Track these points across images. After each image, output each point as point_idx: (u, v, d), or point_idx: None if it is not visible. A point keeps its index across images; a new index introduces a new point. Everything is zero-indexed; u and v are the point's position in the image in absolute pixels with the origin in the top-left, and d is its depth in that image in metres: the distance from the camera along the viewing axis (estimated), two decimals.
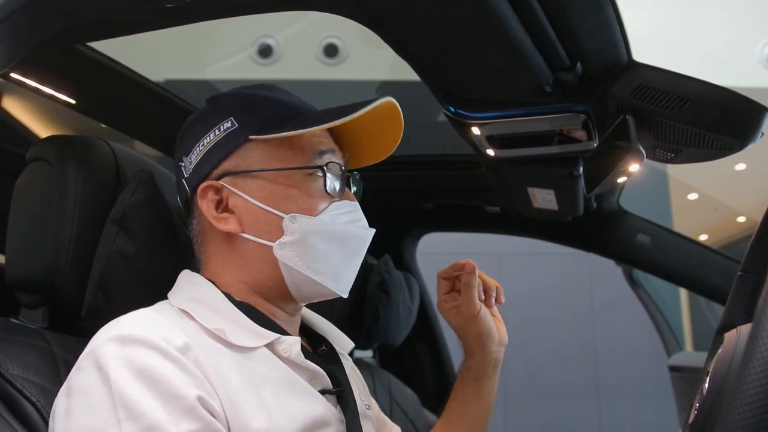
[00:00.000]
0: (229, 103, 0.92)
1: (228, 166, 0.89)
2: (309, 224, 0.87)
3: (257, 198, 0.88)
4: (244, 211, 0.88)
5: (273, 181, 0.88)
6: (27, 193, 0.96)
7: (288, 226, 0.86)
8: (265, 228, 0.87)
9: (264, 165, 0.88)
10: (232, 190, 0.88)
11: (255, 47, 4.77)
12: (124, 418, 0.68)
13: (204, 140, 0.90)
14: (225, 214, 0.89)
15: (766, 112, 1.10)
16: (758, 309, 0.55)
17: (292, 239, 0.86)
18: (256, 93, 0.94)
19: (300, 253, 0.87)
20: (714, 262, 1.93)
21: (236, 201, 0.88)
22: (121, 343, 0.73)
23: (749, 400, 0.51)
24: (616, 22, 1.01)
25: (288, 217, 0.86)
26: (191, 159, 0.91)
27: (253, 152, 0.89)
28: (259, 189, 0.88)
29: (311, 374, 0.86)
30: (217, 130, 0.90)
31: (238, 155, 0.89)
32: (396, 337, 1.89)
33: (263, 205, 0.87)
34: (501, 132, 1.34)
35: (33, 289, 0.93)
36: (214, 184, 0.89)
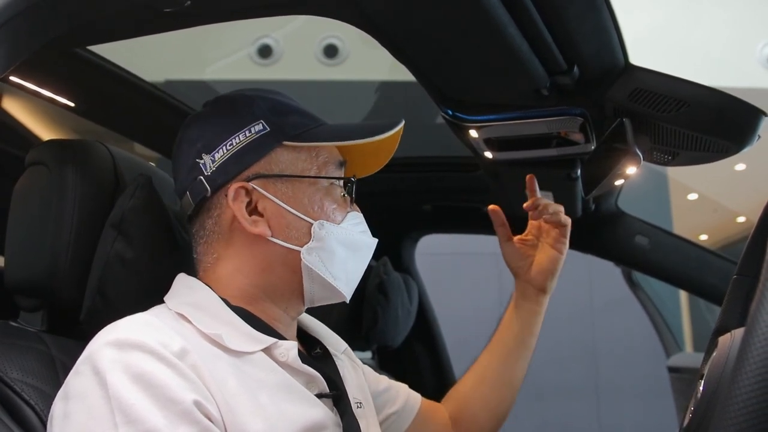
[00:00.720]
0: (258, 106, 0.92)
1: (259, 169, 0.90)
2: (334, 232, 0.90)
3: (288, 203, 0.89)
4: (274, 214, 0.89)
5: (303, 187, 0.91)
6: (26, 196, 0.96)
7: (316, 232, 0.89)
8: (294, 233, 0.89)
9: (295, 171, 0.91)
10: (262, 193, 0.89)
11: (254, 47, 4.77)
12: (121, 422, 0.68)
13: (233, 140, 0.89)
14: (254, 217, 0.89)
15: (762, 115, 1.11)
16: (751, 313, 0.56)
17: (319, 245, 0.89)
18: (278, 98, 0.95)
19: (324, 259, 0.89)
20: (712, 263, 1.93)
21: (266, 204, 0.89)
22: (118, 347, 0.73)
23: (742, 404, 0.52)
24: (613, 26, 1.02)
25: (317, 224, 0.89)
26: (214, 157, 0.89)
27: (283, 157, 0.91)
28: (290, 194, 0.90)
29: (308, 378, 0.87)
30: (247, 131, 0.90)
31: (269, 158, 0.90)
32: (395, 339, 1.89)
33: (294, 210, 0.89)
34: (499, 135, 1.34)
35: (32, 293, 0.93)
36: (245, 185, 0.89)
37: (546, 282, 1.21)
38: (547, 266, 1.21)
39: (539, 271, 1.21)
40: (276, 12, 1.00)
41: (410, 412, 1.15)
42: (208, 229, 0.91)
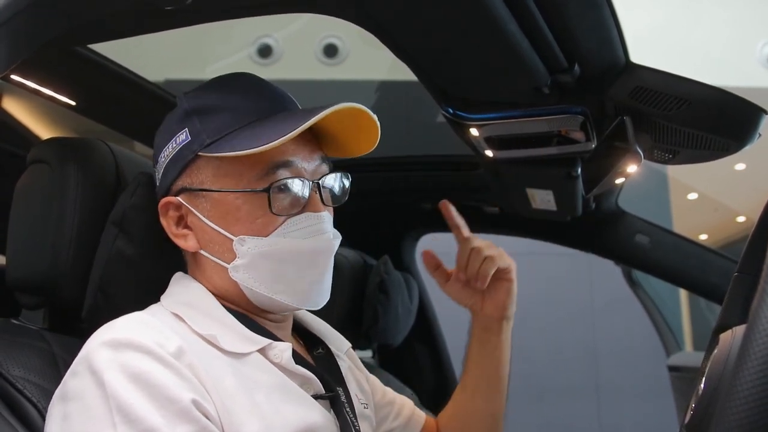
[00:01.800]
0: (186, 109, 0.88)
1: (184, 182, 0.87)
2: (258, 246, 0.84)
3: (209, 218, 0.85)
4: (199, 229, 0.87)
5: (222, 201, 0.85)
6: (27, 194, 0.96)
7: (238, 249, 0.84)
8: (219, 248, 0.86)
9: (214, 183, 0.85)
10: (188, 207, 0.87)
11: (255, 47, 4.77)
12: (119, 422, 0.68)
13: (164, 152, 0.88)
14: (185, 231, 0.88)
15: (762, 114, 1.11)
16: (752, 310, 0.56)
17: (244, 262, 0.84)
18: (217, 94, 0.89)
19: (254, 275, 0.85)
20: (712, 262, 1.93)
21: (192, 219, 0.87)
22: (114, 347, 0.73)
23: (743, 401, 0.52)
24: (614, 24, 1.02)
25: (237, 240, 0.84)
26: (158, 170, 0.90)
27: (204, 168, 0.86)
28: (210, 208, 0.86)
29: (303, 379, 0.86)
30: (174, 142, 0.87)
31: (191, 170, 0.86)
32: (395, 337, 1.89)
33: (214, 226, 0.85)
34: (499, 133, 1.34)
35: (33, 291, 0.94)
36: (172, 200, 0.87)
37: (505, 311, 1.11)
38: (502, 297, 1.10)
39: (496, 303, 1.10)
40: (277, 10, 1.00)
41: (413, 428, 1.13)
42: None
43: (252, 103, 0.88)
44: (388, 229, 2.26)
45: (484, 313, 1.11)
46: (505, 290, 1.10)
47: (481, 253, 1.06)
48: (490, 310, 1.11)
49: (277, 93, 0.92)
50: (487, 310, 1.11)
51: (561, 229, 2.01)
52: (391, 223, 2.25)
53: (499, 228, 2.24)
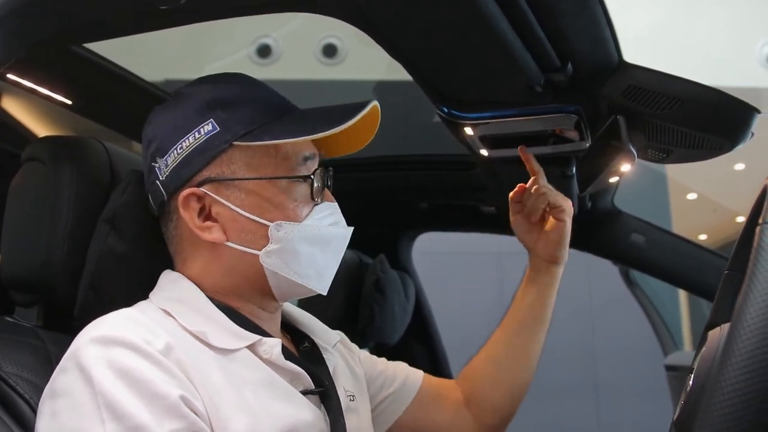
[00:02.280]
0: (206, 101, 0.88)
1: (210, 173, 0.87)
2: (295, 231, 0.87)
3: (242, 206, 0.86)
4: (228, 219, 0.87)
5: (258, 189, 0.87)
6: (22, 192, 0.97)
7: (274, 235, 0.86)
8: (251, 237, 0.87)
9: (248, 172, 0.87)
10: (215, 198, 0.86)
11: (254, 47, 4.78)
12: (108, 418, 0.69)
13: (183, 143, 0.86)
14: (208, 223, 0.87)
15: (755, 112, 1.11)
16: (737, 307, 0.56)
17: (278, 247, 0.86)
18: (230, 88, 0.90)
19: (286, 260, 0.87)
20: (709, 261, 1.94)
21: (219, 209, 0.87)
22: (102, 344, 0.74)
23: (726, 396, 0.52)
24: (606, 23, 1.02)
25: (273, 225, 0.86)
26: (167, 162, 0.87)
27: (236, 158, 0.87)
28: (243, 197, 0.87)
29: (293, 375, 0.86)
30: (197, 133, 0.86)
31: (220, 161, 0.87)
32: (391, 336, 1.90)
33: (248, 214, 0.86)
34: (494, 132, 1.34)
35: (27, 288, 0.94)
36: (196, 191, 0.86)
37: (554, 252, 1.17)
38: (552, 237, 1.16)
39: (546, 242, 1.17)
40: (273, 9, 1.01)
41: (409, 391, 1.12)
42: (171, 233, 0.91)
43: (270, 99, 0.92)
44: (384, 228, 2.27)
45: (536, 252, 1.18)
46: (557, 231, 1.15)
47: (539, 189, 1.17)
48: (541, 249, 1.17)
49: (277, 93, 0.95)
50: (539, 249, 1.18)
51: None
52: (387, 222, 2.25)
53: (496, 227, 2.24)
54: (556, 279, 1.19)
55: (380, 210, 2.16)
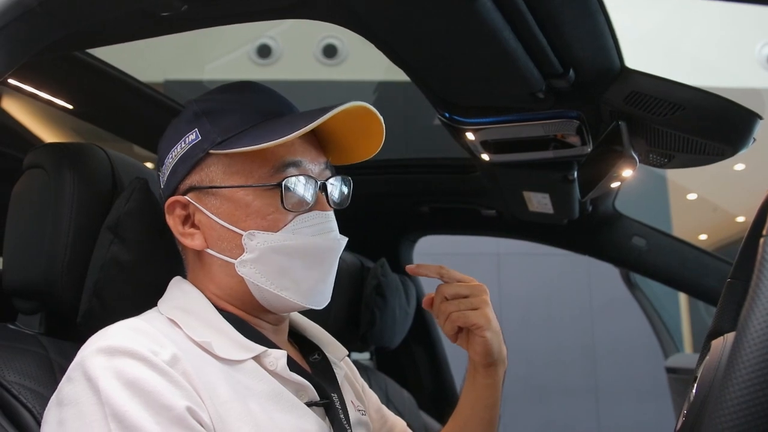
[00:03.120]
0: (196, 111, 0.89)
1: (192, 181, 0.88)
2: (268, 240, 0.85)
3: (218, 215, 0.86)
4: (207, 227, 0.88)
5: (232, 197, 0.86)
6: (24, 199, 0.96)
7: (247, 244, 0.85)
8: (227, 245, 0.86)
9: (224, 180, 0.87)
10: (196, 205, 0.88)
11: (254, 47, 4.78)
12: (115, 428, 0.69)
13: (173, 152, 0.89)
14: (191, 230, 0.88)
15: (757, 118, 1.11)
16: (741, 318, 0.56)
17: (252, 257, 0.85)
18: (223, 98, 0.91)
19: (261, 270, 0.86)
20: (709, 265, 1.94)
21: (200, 217, 0.88)
22: (109, 354, 0.73)
23: (731, 410, 0.52)
24: (608, 29, 1.02)
25: (246, 234, 0.85)
26: (164, 171, 0.91)
27: (215, 166, 0.87)
28: (219, 205, 0.87)
29: (298, 387, 0.86)
30: (183, 142, 0.88)
31: (201, 169, 0.87)
32: (392, 340, 1.90)
33: (223, 222, 0.86)
34: (495, 137, 1.35)
35: (30, 295, 0.94)
36: (180, 199, 0.88)
37: (485, 360, 1.01)
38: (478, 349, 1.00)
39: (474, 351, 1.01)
40: (272, 16, 1.00)
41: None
42: (175, 239, 0.92)
43: (260, 104, 0.90)
44: (385, 232, 2.27)
45: (470, 356, 1.04)
46: (480, 344, 0.99)
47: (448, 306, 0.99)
48: (472, 354, 1.02)
49: (283, 98, 0.94)
50: (470, 353, 1.03)
51: (558, 232, 2.01)
52: (388, 226, 2.25)
53: (497, 231, 2.25)
54: (495, 380, 1.04)
55: (381, 213, 2.16)
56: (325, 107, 0.84)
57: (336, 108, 0.82)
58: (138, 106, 1.54)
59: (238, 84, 0.94)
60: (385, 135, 0.91)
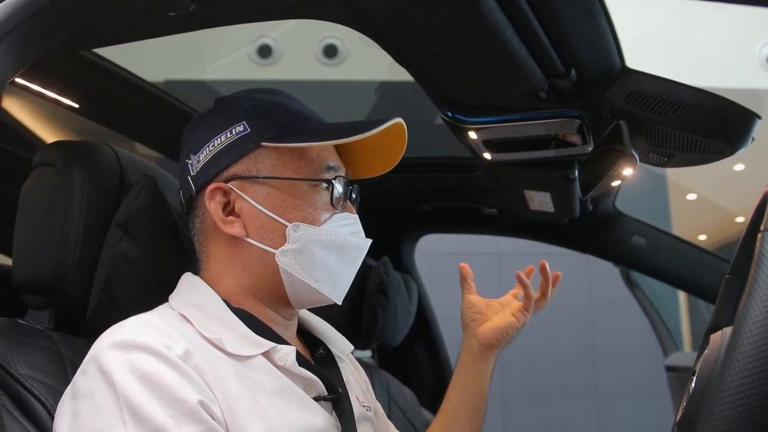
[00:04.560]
0: (242, 107, 0.93)
1: (237, 170, 0.91)
2: (311, 234, 0.89)
3: (264, 204, 0.89)
4: (249, 216, 0.90)
5: (280, 189, 0.90)
6: (34, 196, 0.98)
7: (291, 235, 0.88)
8: (269, 234, 0.89)
9: (273, 172, 0.90)
10: (239, 194, 0.90)
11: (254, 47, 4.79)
12: (129, 420, 0.70)
13: (215, 141, 0.92)
14: (231, 217, 0.90)
15: (755, 118, 1.13)
16: (739, 312, 0.58)
17: (295, 247, 0.88)
18: (267, 98, 0.95)
19: (301, 261, 0.89)
20: (708, 263, 1.95)
21: (243, 205, 0.90)
22: (123, 348, 0.75)
23: (729, 399, 0.54)
24: (609, 30, 1.03)
25: (291, 226, 0.88)
26: (199, 158, 0.92)
27: (263, 158, 0.91)
28: (266, 195, 0.90)
29: (306, 382, 0.88)
30: (228, 133, 0.91)
31: (248, 160, 0.91)
32: (394, 338, 1.91)
33: (269, 212, 0.89)
34: (497, 136, 1.36)
35: (40, 291, 0.95)
36: (222, 186, 0.90)
37: (494, 338, 1.14)
38: (499, 325, 1.14)
39: (490, 327, 1.15)
40: (279, 16, 1.02)
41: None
42: (197, 228, 0.94)
43: (299, 109, 0.96)
44: (387, 231, 2.28)
45: (475, 333, 1.16)
46: (508, 322, 1.14)
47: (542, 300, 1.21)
48: (482, 330, 1.15)
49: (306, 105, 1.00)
50: (481, 331, 1.15)
51: (559, 231, 2.02)
52: (390, 225, 2.27)
53: (498, 229, 2.26)
54: (488, 367, 1.15)
55: (384, 212, 2.17)
56: (372, 120, 0.90)
57: (387, 122, 0.89)
58: (143, 105, 1.56)
59: (271, 89, 0.99)
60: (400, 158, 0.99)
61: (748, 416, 0.53)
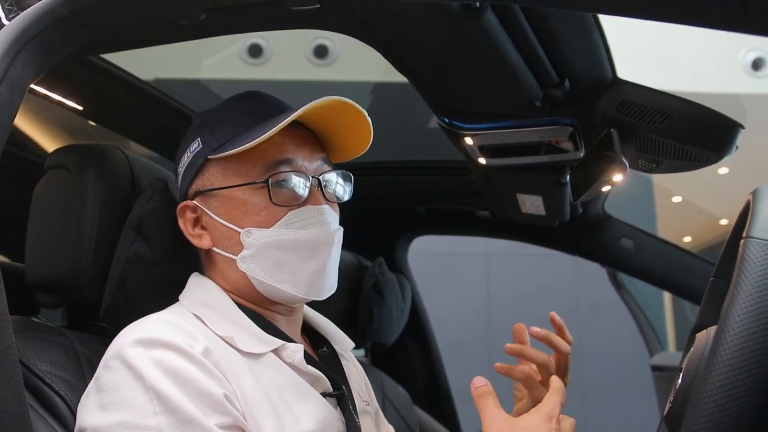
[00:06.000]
0: (197, 123, 0.97)
1: (197, 186, 0.95)
2: (262, 236, 0.90)
3: (219, 214, 0.93)
4: (211, 227, 0.94)
5: (230, 197, 0.92)
6: (48, 198, 1.01)
7: (245, 240, 0.91)
8: (228, 243, 0.92)
9: (222, 182, 0.93)
10: (201, 208, 0.94)
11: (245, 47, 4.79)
12: (160, 411, 0.74)
13: (181, 161, 0.97)
14: (200, 231, 0.95)
15: (739, 128, 1.18)
16: (723, 311, 0.63)
17: (250, 252, 0.90)
18: (222, 108, 0.98)
19: (260, 265, 0.91)
20: (694, 265, 2.01)
21: (207, 218, 0.94)
22: (147, 345, 0.78)
23: (713, 392, 0.59)
24: (602, 44, 1.08)
25: (243, 232, 0.90)
26: (177, 179, 0.99)
27: (213, 171, 0.94)
28: (219, 206, 0.93)
29: (313, 378, 0.91)
30: (188, 152, 0.96)
31: (203, 175, 0.94)
32: (389, 337, 1.95)
33: (224, 222, 0.92)
34: (493, 142, 1.40)
35: (54, 290, 0.98)
36: (188, 203, 0.95)
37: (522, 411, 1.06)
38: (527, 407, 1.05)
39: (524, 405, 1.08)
40: (286, 26, 1.05)
41: None
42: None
43: (255, 109, 0.96)
44: (382, 232, 2.32)
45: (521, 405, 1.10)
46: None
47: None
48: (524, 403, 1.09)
49: (281, 102, 0.99)
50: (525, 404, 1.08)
51: (549, 233, 2.07)
52: (385, 226, 2.31)
53: (490, 231, 2.31)
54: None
55: (379, 214, 2.21)
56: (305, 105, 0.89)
57: (309, 104, 0.88)
58: (144, 107, 1.58)
59: (242, 94, 1.01)
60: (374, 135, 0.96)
61: (731, 407, 0.57)
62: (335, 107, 0.91)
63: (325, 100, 0.89)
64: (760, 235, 0.63)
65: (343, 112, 0.93)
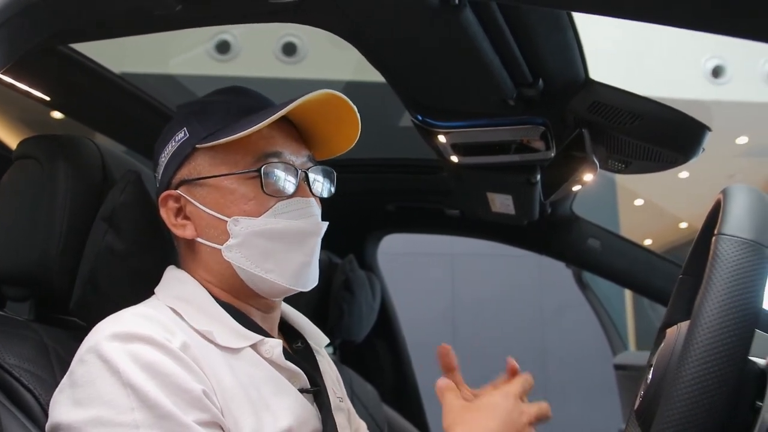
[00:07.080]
0: (183, 112, 0.97)
1: (182, 175, 0.94)
2: (250, 225, 0.90)
3: (205, 204, 0.92)
4: (196, 217, 0.93)
5: (218, 186, 0.91)
6: (15, 189, 0.98)
7: (232, 229, 0.90)
8: (214, 232, 0.91)
9: (210, 171, 0.92)
10: (186, 197, 0.93)
11: (212, 43, 4.74)
12: (137, 406, 0.72)
13: (164, 152, 0.96)
14: (183, 221, 0.94)
15: (706, 130, 1.21)
16: (696, 306, 0.64)
17: (237, 241, 0.90)
18: (209, 99, 0.98)
19: (246, 254, 0.90)
20: (658, 266, 2.05)
21: (191, 208, 0.93)
22: (124, 339, 0.77)
23: (686, 385, 0.60)
24: (576, 44, 1.10)
25: (231, 220, 0.90)
26: (158, 170, 0.97)
27: (202, 160, 0.93)
28: (206, 195, 0.92)
29: (291, 374, 0.91)
30: (173, 141, 0.95)
31: (189, 164, 0.93)
32: (359, 334, 1.95)
33: (210, 211, 0.91)
34: (465, 140, 1.42)
35: (22, 282, 0.96)
36: (172, 193, 0.94)
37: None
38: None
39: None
40: (263, 20, 1.05)
41: None
42: (169, 231, 0.96)
43: (243, 103, 0.96)
44: (352, 229, 2.32)
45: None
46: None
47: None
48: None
49: (267, 99, 1.00)
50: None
51: (518, 232, 2.09)
52: (355, 224, 2.31)
53: (459, 230, 2.33)
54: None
55: (349, 211, 2.20)
56: (296, 98, 0.90)
57: (304, 96, 0.88)
58: (114, 98, 1.56)
59: (227, 88, 1.00)
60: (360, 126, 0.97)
61: (704, 399, 0.59)
62: (329, 100, 0.92)
63: (320, 93, 0.90)
64: (731, 231, 0.65)
65: (332, 107, 0.93)
